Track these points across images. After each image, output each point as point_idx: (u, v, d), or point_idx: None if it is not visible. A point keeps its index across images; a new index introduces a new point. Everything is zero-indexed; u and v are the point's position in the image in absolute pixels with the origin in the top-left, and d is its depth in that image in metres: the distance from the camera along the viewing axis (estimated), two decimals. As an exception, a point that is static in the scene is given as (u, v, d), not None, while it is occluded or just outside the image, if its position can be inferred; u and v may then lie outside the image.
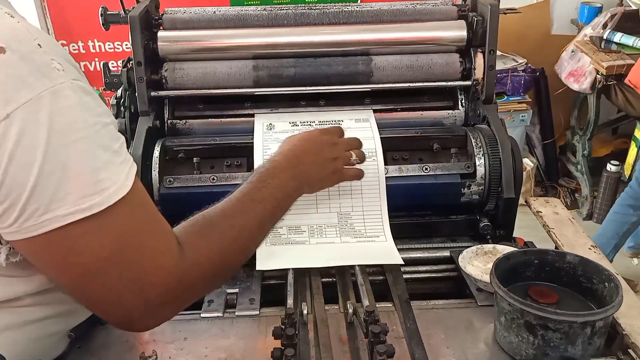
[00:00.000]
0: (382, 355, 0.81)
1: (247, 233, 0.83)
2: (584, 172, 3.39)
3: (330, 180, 1.06)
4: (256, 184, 0.90)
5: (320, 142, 1.05)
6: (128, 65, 1.29)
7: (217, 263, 0.78)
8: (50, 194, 0.62)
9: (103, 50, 3.23)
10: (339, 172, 1.06)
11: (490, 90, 1.31)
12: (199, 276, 0.75)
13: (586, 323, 0.84)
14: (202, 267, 0.75)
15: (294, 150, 1.01)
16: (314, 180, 1.02)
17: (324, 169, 1.04)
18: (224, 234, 0.80)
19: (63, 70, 0.65)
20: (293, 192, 0.97)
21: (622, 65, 2.81)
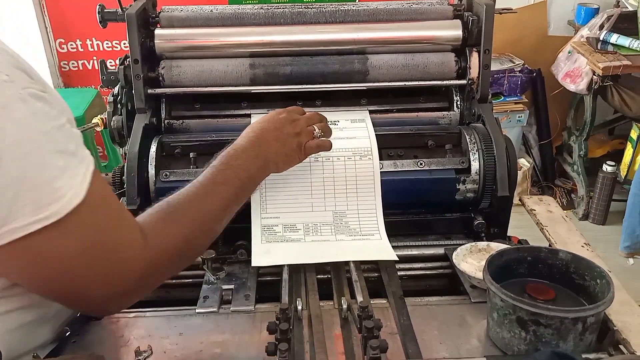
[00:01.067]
0: (375, 350, 0.81)
1: (211, 216, 0.86)
2: (580, 172, 3.40)
3: (296, 155, 1.07)
4: (219, 167, 0.92)
5: (280, 120, 1.07)
6: (125, 62, 1.30)
7: (182, 248, 0.81)
8: (6, 207, 0.63)
9: (101, 49, 3.24)
10: (302, 146, 1.07)
11: (485, 89, 1.32)
12: (164, 262, 0.78)
13: (577, 319, 0.84)
14: (168, 253, 0.78)
15: (254, 131, 1.03)
16: (278, 157, 1.03)
17: (287, 145, 1.04)
18: (188, 219, 0.82)
19: (11, 81, 0.66)
20: (257, 171, 0.99)
21: (619, 66, 2.83)
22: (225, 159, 0.95)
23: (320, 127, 1.10)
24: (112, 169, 1.27)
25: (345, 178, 1.17)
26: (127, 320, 1.01)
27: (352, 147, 1.20)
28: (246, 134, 1.03)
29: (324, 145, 1.11)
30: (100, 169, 2.94)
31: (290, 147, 1.04)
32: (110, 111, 1.32)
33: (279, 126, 1.05)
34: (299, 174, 1.17)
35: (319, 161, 1.18)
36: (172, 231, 0.80)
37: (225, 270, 1.12)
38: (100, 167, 2.94)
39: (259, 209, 1.16)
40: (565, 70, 3.24)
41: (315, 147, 1.09)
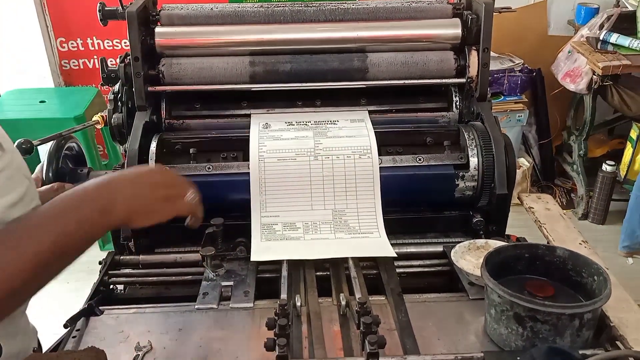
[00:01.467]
0: (373, 345, 0.82)
1: (12, 271, 0.70)
2: (579, 172, 3.40)
3: (161, 207, 0.87)
4: (47, 207, 0.78)
5: (145, 170, 0.97)
6: (125, 60, 1.30)
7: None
8: None
9: (102, 48, 3.24)
10: (172, 200, 0.89)
11: (484, 87, 1.32)
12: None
13: (574, 315, 0.85)
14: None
15: (109, 175, 0.87)
16: (132, 203, 0.83)
17: (148, 193, 0.86)
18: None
19: None
20: (93, 213, 0.79)
21: (618, 65, 2.83)
22: (59, 198, 0.79)
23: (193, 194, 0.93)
24: (112, 167, 1.28)
25: (344, 177, 1.18)
26: (127, 316, 1.02)
27: (352, 146, 1.20)
28: (98, 177, 0.86)
29: (197, 212, 0.94)
30: (101, 168, 2.95)
31: (153, 196, 0.86)
32: (110, 109, 1.32)
33: (142, 174, 0.90)
34: (299, 172, 1.17)
35: (319, 160, 1.19)
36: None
37: (225, 267, 1.13)
38: (100, 166, 2.95)
39: (259, 207, 1.16)
40: (565, 70, 3.25)
41: (187, 207, 0.91)
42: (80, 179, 1.31)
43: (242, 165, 1.20)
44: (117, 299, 1.11)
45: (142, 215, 0.85)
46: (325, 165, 1.19)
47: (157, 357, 0.92)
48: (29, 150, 1.18)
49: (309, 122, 1.27)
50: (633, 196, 2.85)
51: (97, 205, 0.79)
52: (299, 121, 1.27)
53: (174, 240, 1.23)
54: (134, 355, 0.91)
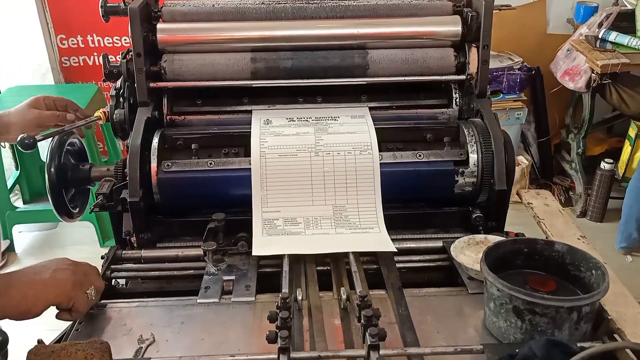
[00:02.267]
0: (374, 337, 0.83)
1: None
2: (578, 170, 3.41)
3: (68, 290, 0.95)
4: None
5: (54, 260, 1.00)
6: (127, 56, 1.31)
7: None
8: None
9: (102, 45, 3.24)
10: (78, 287, 0.97)
11: (484, 84, 1.33)
12: None
13: (573, 308, 0.86)
14: None
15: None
16: (31, 288, 0.92)
17: (52, 278, 0.94)
18: None
19: None
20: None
21: (617, 64, 2.84)
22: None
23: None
24: (113, 164, 1.29)
25: (345, 172, 1.19)
26: (130, 309, 1.03)
27: (352, 142, 1.21)
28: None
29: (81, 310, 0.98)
30: (101, 164, 2.95)
31: (61, 279, 0.95)
32: (112, 104, 1.33)
33: (48, 264, 0.97)
34: (300, 168, 1.18)
35: (319, 156, 1.20)
36: None
37: (226, 261, 1.13)
38: (101, 162, 2.96)
39: (260, 202, 1.17)
40: (564, 68, 3.26)
41: (86, 302, 0.98)
42: (83, 175, 1.32)
43: (244, 161, 1.21)
44: (120, 293, 1.12)
45: (41, 299, 0.92)
46: (326, 161, 1.19)
47: (159, 349, 0.93)
48: (31, 145, 1.18)
49: (309, 118, 1.28)
50: (627, 206, 2.87)
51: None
52: (300, 117, 1.28)
53: (175, 235, 1.24)
54: (136, 347, 0.92)
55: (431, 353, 0.85)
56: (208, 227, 1.18)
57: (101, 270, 1.13)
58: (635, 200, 2.81)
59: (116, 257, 1.18)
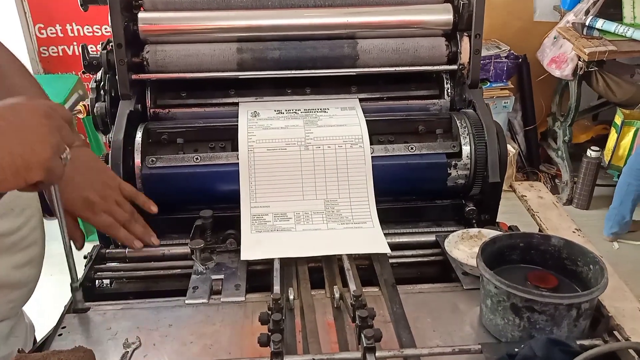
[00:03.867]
0: (370, 339, 0.80)
1: None
2: (564, 158, 3.43)
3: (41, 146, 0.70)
4: None
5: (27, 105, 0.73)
6: (108, 47, 1.26)
7: None
8: None
9: (81, 34, 3.16)
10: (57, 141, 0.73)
11: (476, 74, 1.30)
12: None
13: (572, 305, 0.84)
14: None
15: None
16: None
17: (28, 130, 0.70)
18: None
19: None
20: None
21: (604, 51, 2.84)
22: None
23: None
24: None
25: (336, 166, 1.16)
26: (115, 312, 0.99)
27: (343, 135, 1.18)
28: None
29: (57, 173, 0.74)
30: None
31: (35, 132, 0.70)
32: (93, 97, 1.28)
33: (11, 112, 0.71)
34: (289, 162, 1.15)
35: (309, 150, 1.16)
36: None
37: (215, 260, 1.10)
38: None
39: (249, 198, 1.14)
40: (550, 56, 3.25)
41: (60, 172, 0.74)
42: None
43: (231, 155, 1.17)
44: (104, 294, 1.08)
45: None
46: (316, 155, 1.16)
47: (147, 354, 0.89)
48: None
49: (298, 111, 1.24)
50: (624, 184, 2.87)
51: None
52: (288, 109, 1.24)
53: (161, 233, 1.20)
54: (122, 352, 0.89)
55: (428, 354, 0.83)
56: (195, 224, 1.14)
57: (84, 270, 1.08)
58: (634, 177, 2.81)
59: (100, 256, 1.14)
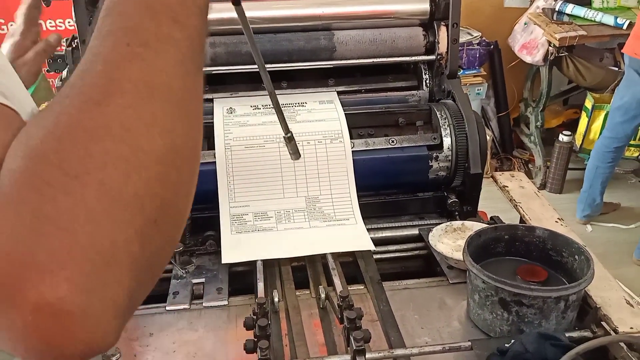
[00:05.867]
0: (359, 341, 0.79)
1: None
2: (537, 143, 3.46)
3: None
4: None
5: None
6: (73, 44, 1.20)
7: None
8: None
9: (45, 29, 3.04)
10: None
11: (455, 64, 1.29)
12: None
13: (560, 298, 0.84)
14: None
15: None
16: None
17: None
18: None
19: None
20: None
21: (575, 36, 2.86)
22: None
23: None
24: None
25: (316, 162, 1.13)
26: (92, 322, 0.95)
27: (322, 130, 1.15)
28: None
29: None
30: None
31: None
32: (59, 97, 1.22)
33: None
34: (268, 160, 1.12)
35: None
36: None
37: (195, 262, 1.07)
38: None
39: (227, 198, 1.10)
40: (521, 42, 3.27)
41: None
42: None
43: (208, 154, 1.13)
44: (79, 303, 1.04)
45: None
46: (295, 151, 1.13)
47: (127, 365, 0.86)
48: None
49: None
50: (592, 167, 2.91)
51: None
52: (265, 105, 1.21)
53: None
54: (102, 365, 0.85)
55: (419, 353, 0.82)
56: (172, 226, 1.10)
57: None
58: (602, 160, 2.86)
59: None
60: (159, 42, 0.40)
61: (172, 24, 0.41)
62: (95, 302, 0.35)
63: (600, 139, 2.93)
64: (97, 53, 0.40)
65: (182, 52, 0.41)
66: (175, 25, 0.41)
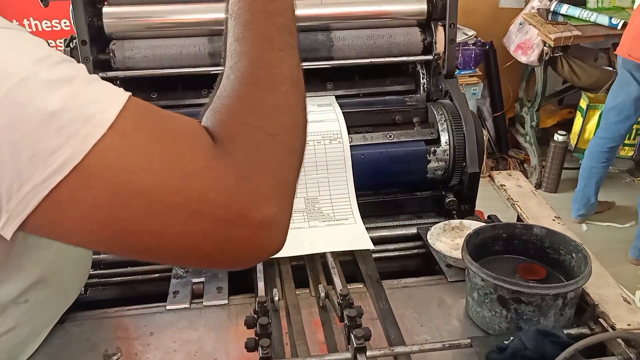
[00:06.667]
0: (360, 339, 0.79)
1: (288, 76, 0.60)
2: (532, 142, 3.48)
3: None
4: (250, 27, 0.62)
5: None
6: (71, 44, 1.20)
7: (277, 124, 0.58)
8: (11, 163, 0.48)
9: (40, 29, 3.03)
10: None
11: (452, 64, 1.30)
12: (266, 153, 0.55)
13: (558, 295, 0.84)
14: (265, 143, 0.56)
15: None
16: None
17: None
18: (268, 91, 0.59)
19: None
20: None
21: (570, 36, 2.88)
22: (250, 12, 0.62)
23: None
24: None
25: (315, 163, 1.13)
26: (92, 322, 0.95)
27: (321, 131, 1.16)
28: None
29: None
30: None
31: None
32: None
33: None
34: None
35: None
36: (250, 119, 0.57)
37: (194, 262, 1.07)
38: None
39: None
40: (516, 42, 3.28)
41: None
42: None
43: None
44: (79, 304, 1.03)
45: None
46: (294, 151, 1.13)
47: (129, 364, 0.86)
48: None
49: None
50: (587, 167, 2.93)
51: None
52: None
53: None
54: (103, 364, 0.85)
55: (419, 351, 0.82)
56: (172, 226, 1.10)
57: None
58: (596, 160, 2.88)
59: (73, 263, 1.09)
60: (287, 48, 0.61)
61: (289, 34, 0.62)
62: (286, 218, 0.56)
63: (595, 139, 2.95)
64: (254, 56, 0.59)
65: (296, 53, 0.62)
66: (290, 35, 0.62)
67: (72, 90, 0.50)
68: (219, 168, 0.52)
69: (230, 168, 0.53)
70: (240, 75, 0.58)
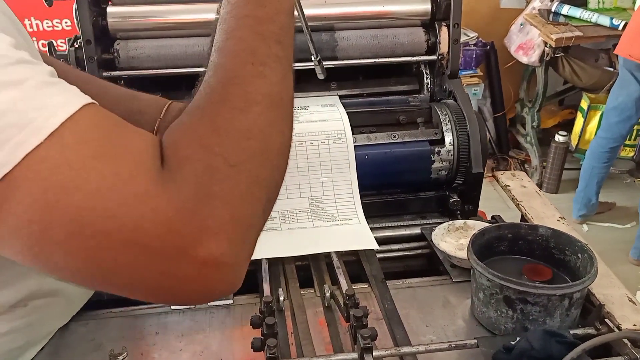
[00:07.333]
0: (367, 339, 0.79)
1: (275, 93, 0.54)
2: (533, 143, 3.48)
3: None
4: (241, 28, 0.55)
5: None
6: (75, 44, 1.20)
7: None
8: None
9: (41, 29, 3.03)
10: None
11: (456, 64, 1.30)
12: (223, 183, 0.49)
13: (564, 295, 0.84)
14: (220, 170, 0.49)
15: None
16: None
17: None
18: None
19: None
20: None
21: (571, 37, 2.88)
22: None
23: None
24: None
25: (319, 163, 1.13)
26: (97, 321, 0.95)
27: (325, 131, 1.16)
28: None
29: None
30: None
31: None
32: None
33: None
34: None
35: (292, 146, 1.14)
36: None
37: (199, 262, 1.07)
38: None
39: None
40: (517, 43, 3.28)
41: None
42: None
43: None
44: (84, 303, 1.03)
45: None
46: (299, 151, 1.14)
47: (134, 364, 0.86)
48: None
49: None
50: (588, 167, 2.93)
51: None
52: None
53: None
54: (108, 364, 0.85)
55: (425, 351, 0.82)
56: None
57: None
58: (597, 160, 2.88)
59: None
60: (271, 61, 0.53)
61: (276, 45, 0.54)
62: (242, 256, 0.50)
63: (596, 139, 2.95)
64: (230, 69, 0.53)
65: (284, 66, 0.54)
66: (279, 45, 0.54)
67: (18, 93, 0.46)
68: (159, 196, 0.46)
69: (174, 197, 0.47)
70: (210, 92, 0.52)
